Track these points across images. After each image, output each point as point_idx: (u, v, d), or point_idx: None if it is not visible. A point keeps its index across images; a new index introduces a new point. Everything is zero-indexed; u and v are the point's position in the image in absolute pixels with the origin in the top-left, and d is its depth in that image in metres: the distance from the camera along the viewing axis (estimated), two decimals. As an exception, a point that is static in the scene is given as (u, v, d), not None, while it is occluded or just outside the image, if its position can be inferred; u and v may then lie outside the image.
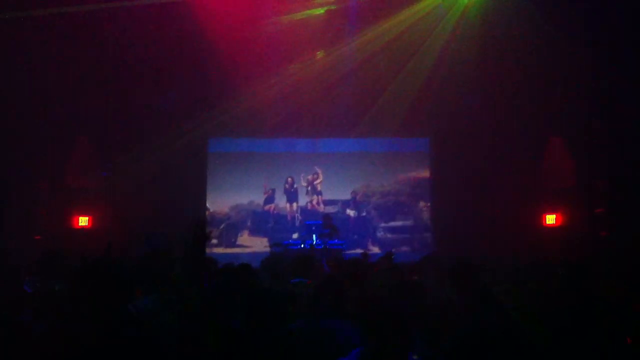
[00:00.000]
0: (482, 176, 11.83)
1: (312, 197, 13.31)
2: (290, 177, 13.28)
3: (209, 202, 13.05)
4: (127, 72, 10.94)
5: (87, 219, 11.63)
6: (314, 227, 11.53)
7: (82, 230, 11.50)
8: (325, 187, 13.32)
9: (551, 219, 11.79)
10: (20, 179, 10.71)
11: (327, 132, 12.93)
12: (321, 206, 13.22)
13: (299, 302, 4.05)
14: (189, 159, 12.15)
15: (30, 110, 10.57)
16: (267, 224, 13.32)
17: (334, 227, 11.30)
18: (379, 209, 13.25)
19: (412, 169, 13.31)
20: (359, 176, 13.29)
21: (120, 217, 10.97)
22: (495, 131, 11.73)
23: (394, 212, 13.25)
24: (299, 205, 13.34)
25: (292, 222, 13.29)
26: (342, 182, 13.22)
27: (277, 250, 10.63)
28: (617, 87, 10.53)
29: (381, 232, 13.20)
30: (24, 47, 10.03)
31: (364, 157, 13.27)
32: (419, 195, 13.28)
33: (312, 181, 13.36)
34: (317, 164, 13.32)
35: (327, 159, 13.27)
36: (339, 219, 12.63)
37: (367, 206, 13.33)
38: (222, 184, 13.16)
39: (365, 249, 12.34)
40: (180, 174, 11.77)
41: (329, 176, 13.27)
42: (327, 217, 11.66)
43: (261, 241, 13.00)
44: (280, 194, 13.38)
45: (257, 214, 13.33)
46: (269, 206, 13.40)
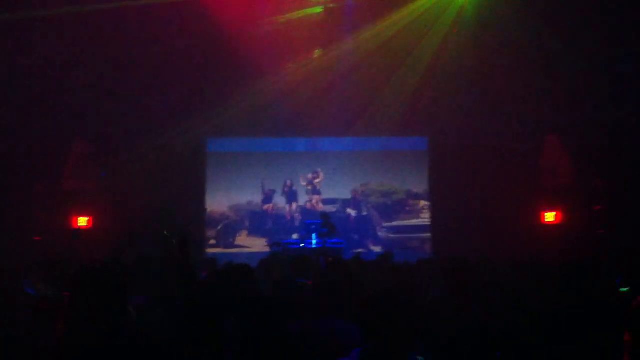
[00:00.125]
0: (481, 174, 11.84)
1: (311, 197, 13.26)
2: (289, 180, 13.19)
3: (207, 202, 12.98)
4: (126, 72, 10.94)
5: (87, 219, 11.64)
6: (314, 226, 11.50)
7: (82, 230, 11.51)
8: (324, 186, 13.28)
9: (550, 217, 11.80)
10: (19, 180, 10.71)
11: (326, 132, 12.91)
12: (320, 205, 13.16)
13: (299, 302, 4.05)
14: (188, 159, 12.15)
15: (29, 110, 10.57)
16: (266, 224, 13.23)
17: (332, 226, 11.29)
18: (379, 209, 13.21)
19: (411, 168, 13.27)
20: (358, 175, 13.25)
21: (119, 217, 10.97)
22: (493, 129, 11.73)
23: (393, 211, 13.22)
24: (298, 205, 13.28)
25: (292, 222, 13.22)
26: (341, 182, 13.19)
27: (276, 249, 10.56)
28: (616, 84, 10.55)
29: (382, 231, 13.17)
30: (23, 47, 10.03)
31: (362, 156, 13.25)
32: (418, 194, 13.26)
33: (312, 180, 13.30)
34: (316, 164, 13.27)
35: (326, 159, 13.24)
36: (339, 219, 12.61)
37: (367, 205, 13.30)
38: (220, 184, 13.10)
39: (366, 249, 12.36)
40: (179, 174, 11.77)
41: (328, 175, 13.24)
42: (325, 216, 11.64)
43: (260, 241, 12.89)
44: (278, 194, 13.29)
45: (256, 214, 13.24)
46: (268, 206, 13.30)
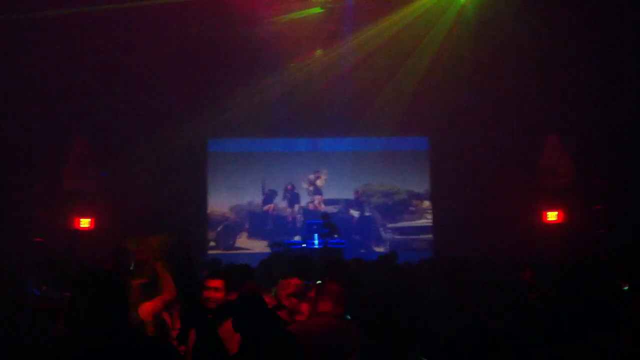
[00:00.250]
0: (481, 174, 11.82)
1: (313, 197, 13.19)
2: (290, 184, 13.11)
3: (208, 203, 12.88)
4: (127, 72, 10.94)
5: (89, 220, 11.63)
6: (315, 227, 11.45)
7: (82, 230, 11.52)
8: (325, 187, 13.21)
9: (553, 216, 11.77)
10: (19, 180, 10.71)
11: (327, 132, 12.88)
12: (322, 206, 13.08)
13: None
14: (188, 160, 12.14)
15: (29, 111, 10.58)
16: (266, 225, 13.07)
17: (333, 226, 11.25)
18: (380, 209, 13.16)
19: (411, 168, 13.23)
20: (359, 176, 13.19)
21: (121, 218, 10.97)
22: (494, 129, 11.70)
23: (396, 212, 13.16)
24: (300, 206, 13.18)
25: (293, 223, 13.11)
26: (342, 182, 13.13)
27: (277, 250, 10.49)
28: (616, 84, 10.52)
29: (383, 232, 13.10)
30: (23, 48, 10.03)
31: (363, 156, 13.19)
32: (419, 194, 13.22)
33: (314, 180, 13.22)
34: (316, 164, 13.20)
35: (326, 159, 13.20)
36: (342, 219, 12.55)
37: (369, 206, 13.22)
38: (221, 184, 13.02)
39: (369, 249, 12.32)
40: (180, 174, 11.76)
41: (329, 176, 13.19)
42: (326, 216, 11.62)
43: (260, 243, 12.69)
44: (279, 195, 13.17)
45: (256, 215, 13.10)
46: (268, 206, 13.16)
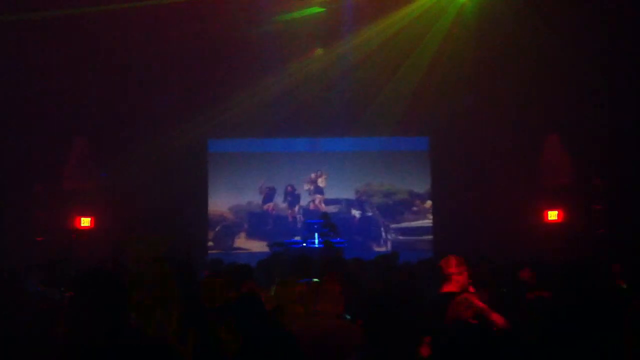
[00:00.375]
0: (481, 174, 11.82)
1: (314, 197, 13.14)
2: (289, 186, 13.05)
3: (209, 203, 12.80)
4: (126, 72, 10.94)
5: (89, 219, 11.64)
6: (316, 226, 11.42)
7: (82, 230, 11.52)
8: (326, 186, 13.15)
9: (553, 215, 11.77)
10: (19, 180, 10.72)
11: (327, 132, 12.86)
12: (323, 206, 13.03)
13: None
14: (189, 160, 12.14)
15: (29, 111, 10.58)
16: (266, 225, 12.92)
17: (333, 225, 11.21)
18: (381, 209, 13.12)
19: (411, 168, 13.19)
20: (359, 175, 13.14)
21: (121, 217, 10.98)
22: (494, 129, 11.70)
23: (397, 212, 13.12)
24: (300, 206, 13.09)
25: (293, 223, 13.02)
26: (342, 182, 13.10)
27: (278, 249, 10.45)
28: (616, 84, 10.52)
29: (384, 232, 13.04)
30: (23, 48, 10.04)
31: (363, 156, 13.15)
32: (420, 194, 13.20)
33: (314, 179, 13.16)
34: (317, 164, 13.16)
35: (326, 159, 13.16)
36: (343, 219, 12.51)
37: (371, 206, 13.17)
38: (221, 184, 12.97)
39: (370, 250, 12.28)
40: (180, 174, 11.76)
41: (329, 175, 13.16)
42: (326, 216, 11.60)
43: (259, 244, 12.50)
44: (279, 193, 13.07)
45: (255, 215, 12.97)
46: (268, 205, 13.05)
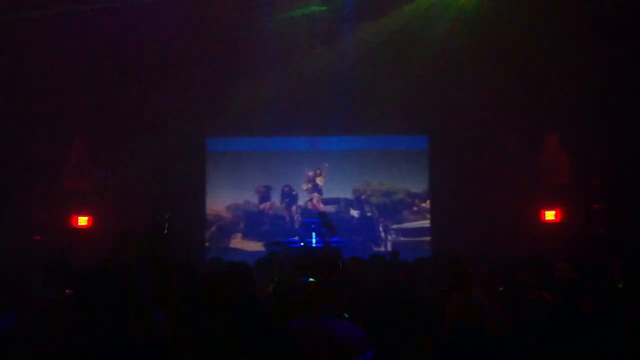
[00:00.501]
0: (481, 173, 11.84)
1: (312, 195, 13.10)
2: (287, 186, 12.99)
3: (207, 203, 12.75)
4: (125, 71, 10.93)
5: (87, 218, 11.62)
6: (314, 225, 11.37)
7: (81, 230, 11.51)
8: (324, 185, 13.13)
9: (550, 215, 11.80)
10: (18, 180, 10.70)
11: (326, 131, 12.84)
12: (321, 205, 12.97)
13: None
14: (187, 159, 12.12)
15: (28, 110, 10.56)
16: (263, 225, 12.77)
17: (330, 225, 11.17)
18: (380, 208, 13.10)
19: (410, 167, 13.19)
20: (358, 175, 13.13)
21: (119, 216, 10.96)
22: (494, 129, 11.72)
23: (394, 211, 13.10)
24: (298, 206, 13.03)
25: (290, 223, 12.93)
26: (341, 181, 13.07)
27: (276, 248, 10.40)
28: (615, 83, 10.54)
29: (384, 232, 13.03)
30: (22, 47, 10.02)
31: (362, 155, 13.13)
32: (418, 194, 13.17)
33: (313, 177, 13.10)
34: (315, 163, 13.12)
35: (325, 158, 13.13)
36: (342, 219, 12.47)
37: (369, 205, 13.12)
38: (219, 183, 12.91)
39: (369, 250, 12.27)
40: (179, 174, 11.75)
41: (328, 175, 13.13)
42: (323, 215, 11.57)
43: (255, 244, 12.42)
44: (276, 192, 12.97)
45: (251, 214, 12.83)
46: (265, 205, 12.91)
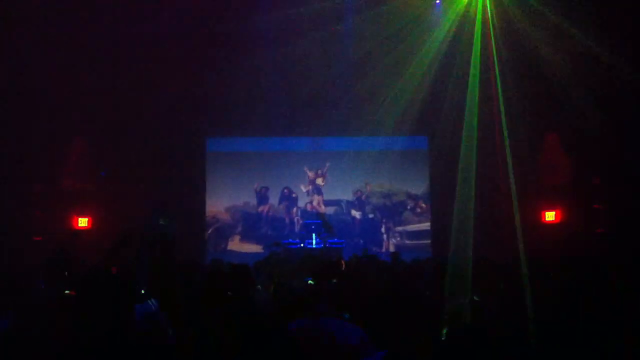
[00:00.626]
0: (481, 173, 11.83)
1: (312, 197, 13.09)
2: (286, 188, 12.94)
3: (207, 203, 12.72)
4: (126, 71, 10.93)
5: (87, 219, 11.62)
6: (314, 226, 11.37)
7: (81, 230, 11.51)
8: (325, 186, 13.13)
9: (550, 216, 11.80)
10: (18, 180, 10.70)
11: (326, 131, 12.84)
12: (322, 206, 12.96)
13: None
14: (187, 159, 12.12)
15: (29, 110, 10.56)
16: (261, 228, 12.60)
17: (329, 226, 11.16)
18: (380, 209, 13.10)
19: (410, 168, 13.21)
20: (357, 175, 13.12)
21: (119, 217, 10.96)
22: (493, 128, 11.71)
23: (394, 212, 13.10)
24: (298, 207, 12.98)
25: (290, 225, 12.84)
26: (341, 182, 13.08)
27: (275, 249, 10.36)
28: (615, 83, 10.54)
29: (385, 233, 13.01)
30: (22, 47, 10.02)
31: (362, 156, 13.09)
32: (418, 195, 13.17)
33: (314, 178, 13.08)
34: (316, 163, 13.12)
35: (325, 158, 13.14)
36: (343, 220, 12.45)
37: (369, 206, 13.10)
38: (219, 184, 12.87)
39: (370, 251, 12.23)
40: (179, 174, 11.75)
41: (328, 175, 13.13)
42: (322, 216, 11.56)
43: (253, 247, 12.30)
44: (275, 193, 12.93)
45: (250, 216, 12.71)
46: (263, 207, 12.83)
